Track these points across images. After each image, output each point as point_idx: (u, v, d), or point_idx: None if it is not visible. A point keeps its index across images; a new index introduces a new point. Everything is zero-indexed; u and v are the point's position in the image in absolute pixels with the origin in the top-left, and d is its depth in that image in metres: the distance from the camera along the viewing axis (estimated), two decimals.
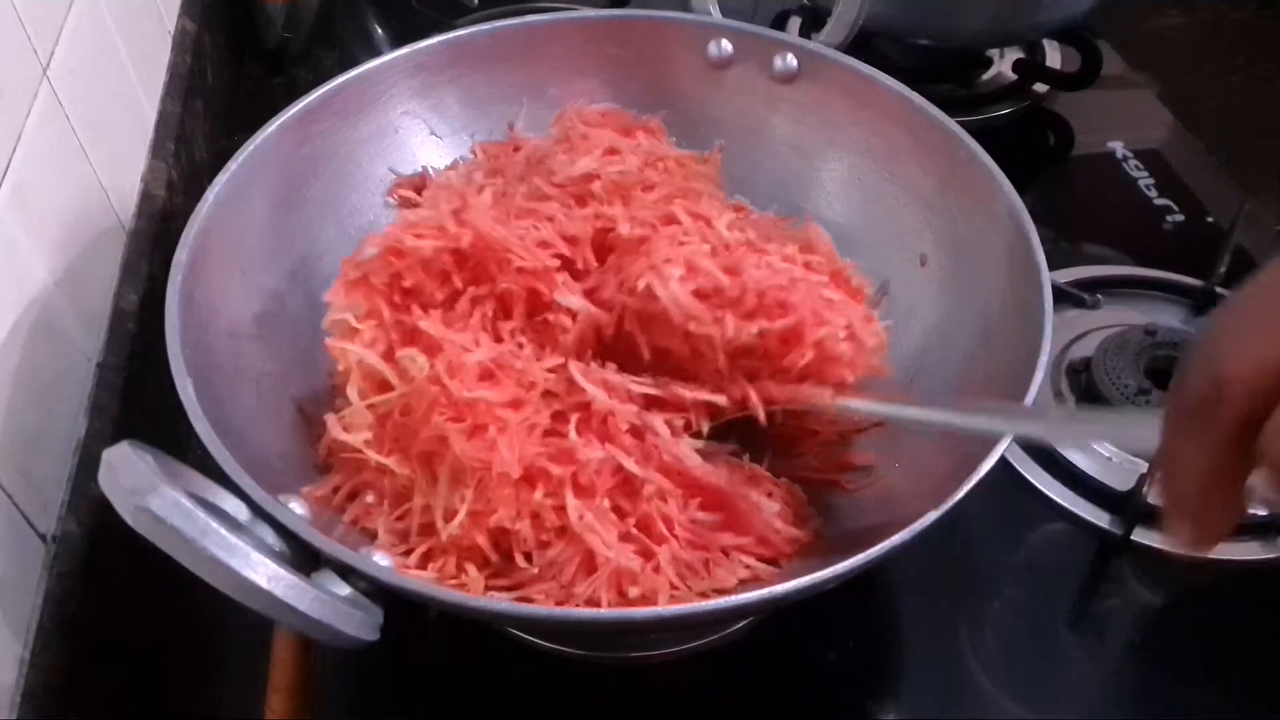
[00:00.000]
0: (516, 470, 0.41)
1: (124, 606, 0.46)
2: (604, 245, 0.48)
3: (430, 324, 0.44)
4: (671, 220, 0.47)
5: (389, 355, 0.44)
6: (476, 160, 0.57)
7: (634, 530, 0.42)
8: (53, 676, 0.41)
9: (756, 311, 0.44)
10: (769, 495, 0.45)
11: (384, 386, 0.44)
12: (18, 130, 0.44)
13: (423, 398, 0.42)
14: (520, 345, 0.46)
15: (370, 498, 0.44)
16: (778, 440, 0.48)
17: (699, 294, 0.44)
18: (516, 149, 0.56)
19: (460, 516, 0.41)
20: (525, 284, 0.46)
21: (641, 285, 0.44)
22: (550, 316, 0.46)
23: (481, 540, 0.42)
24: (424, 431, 0.42)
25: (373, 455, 0.43)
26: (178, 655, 0.49)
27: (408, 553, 0.42)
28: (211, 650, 0.50)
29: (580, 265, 0.47)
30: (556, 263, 0.47)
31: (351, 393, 0.44)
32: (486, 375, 0.43)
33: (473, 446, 0.41)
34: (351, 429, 0.43)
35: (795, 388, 0.44)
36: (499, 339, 0.45)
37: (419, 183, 0.57)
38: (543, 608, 0.38)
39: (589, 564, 0.41)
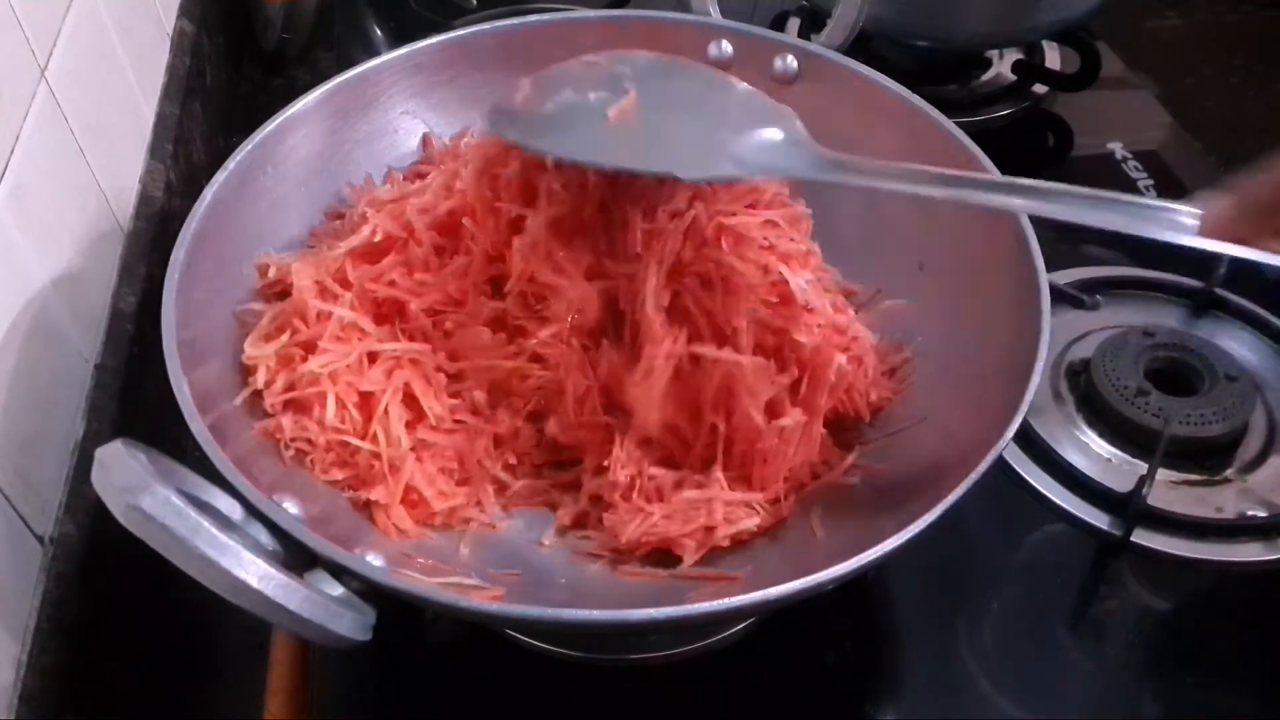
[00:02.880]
0: None
1: (122, 608, 0.46)
2: None
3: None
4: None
5: None
6: None
7: None
8: (50, 678, 0.40)
9: None
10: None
11: None
12: (15, 132, 0.44)
13: None
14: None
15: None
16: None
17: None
18: None
19: None
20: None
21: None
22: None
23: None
24: None
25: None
26: (176, 657, 0.49)
27: None
28: (210, 652, 0.50)
29: None
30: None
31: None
32: None
33: None
34: None
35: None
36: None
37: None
38: (536, 608, 0.38)
39: None
